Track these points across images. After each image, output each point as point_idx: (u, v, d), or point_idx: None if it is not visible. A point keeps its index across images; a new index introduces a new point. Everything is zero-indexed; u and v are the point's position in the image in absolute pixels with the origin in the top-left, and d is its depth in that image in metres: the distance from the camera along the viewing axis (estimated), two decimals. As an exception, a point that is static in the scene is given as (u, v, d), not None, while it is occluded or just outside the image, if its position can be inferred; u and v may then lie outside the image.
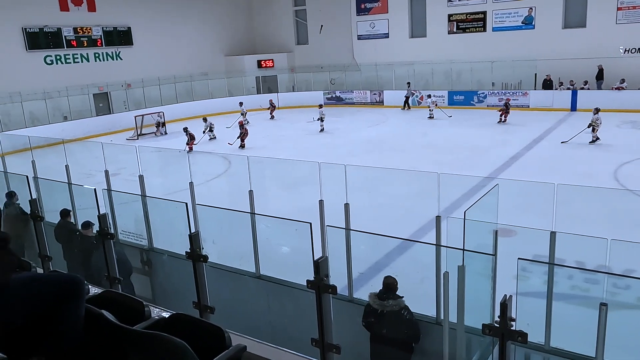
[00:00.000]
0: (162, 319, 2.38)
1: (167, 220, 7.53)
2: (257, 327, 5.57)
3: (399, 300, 5.10)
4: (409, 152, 17.16)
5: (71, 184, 8.60)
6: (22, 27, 23.51)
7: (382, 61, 29.06)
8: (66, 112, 24.22)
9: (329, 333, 2.70)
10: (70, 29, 25.19)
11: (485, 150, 16.84)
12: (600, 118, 17.02)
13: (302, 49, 32.76)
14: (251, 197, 7.36)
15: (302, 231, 4.63)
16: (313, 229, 4.64)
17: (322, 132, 21.89)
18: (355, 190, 7.00)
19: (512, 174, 13.31)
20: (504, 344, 2.60)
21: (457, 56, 26.36)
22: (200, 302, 3.26)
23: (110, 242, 4.14)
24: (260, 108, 28.31)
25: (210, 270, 3.68)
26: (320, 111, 22.37)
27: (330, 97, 29.83)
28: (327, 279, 2.64)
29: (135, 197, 8.01)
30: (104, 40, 26.57)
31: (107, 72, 26.31)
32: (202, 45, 30.67)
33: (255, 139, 20.95)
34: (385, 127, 22.84)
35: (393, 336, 5.24)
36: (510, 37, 25.87)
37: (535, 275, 4.72)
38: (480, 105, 25.41)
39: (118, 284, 3.82)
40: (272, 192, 12.44)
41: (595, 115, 17.12)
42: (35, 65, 23.95)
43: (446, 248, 5.71)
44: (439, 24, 27.95)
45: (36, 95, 22.91)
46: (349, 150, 17.58)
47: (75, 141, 19.26)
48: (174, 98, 27.65)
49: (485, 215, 4.97)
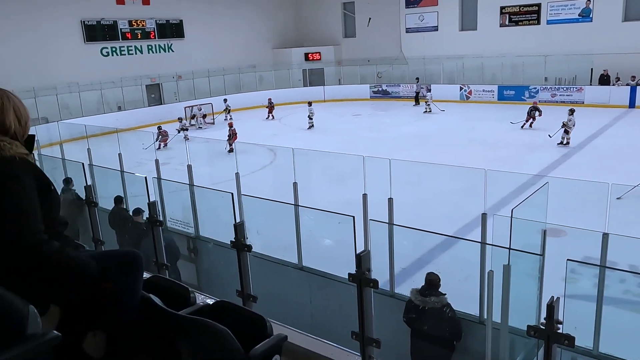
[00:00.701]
0: (207, 305, 2.44)
1: (213, 209, 7.69)
2: (298, 318, 5.63)
3: (441, 298, 5.05)
4: (456, 147, 16.84)
5: (123, 171, 8.91)
6: (81, 20, 24.47)
7: (430, 54, 28.57)
8: (120, 103, 25.08)
9: (369, 327, 2.70)
10: (125, 21, 26.03)
11: (536, 147, 16.33)
12: (574, 120, 16.18)
13: (349, 42, 32.62)
14: (295, 189, 7.42)
15: (345, 224, 4.64)
16: (356, 223, 4.64)
17: (312, 129, 21.73)
18: (399, 185, 6.95)
19: (563, 173, 12.85)
20: (549, 347, 2.53)
21: (509, 50, 25.58)
22: (244, 291, 3.33)
23: (159, 229, 4.28)
24: (305, 101, 28.44)
25: (254, 259, 3.74)
26: (309, 109, 22.15)
27: (377, 91, 29.61)
28: (368, 273, 2.64)
29: (183, 186, 8.23)
30: (157, 33, 27.31)
31: (159, 63, 27.04)
32: (250, 38, 31.03)
33: (300, 132, 21.08)
34: (432, 122, 22.48)
35: (434, 333, 5.20)
36: (565, 30, 24.89)
37: (585, 278, 4.56)
38: (531, 100, 24.56)
39: (165, 270, 3.95)
40: (316, 185, 12.50)
41: (570, 115, 16.31)
42: (92, 57, 24.90)
43: (491, 246, 5.59)
44: (491, 16, 27.19)
45: (92, 86, 23.82)
46: (394, 144, 17.42)
47: (128, 130, 19.90)
48: (222, 90, 28.13)
49: (533, 214, 4.84)
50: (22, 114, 2.05)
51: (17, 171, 1.93)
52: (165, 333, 2.32)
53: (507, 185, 10.66)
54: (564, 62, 23.94)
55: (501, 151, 15.96)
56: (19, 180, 1.93)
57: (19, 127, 2.03)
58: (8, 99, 2.02)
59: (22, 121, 2.05)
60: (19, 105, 2.05)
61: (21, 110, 2.05)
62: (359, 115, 24.94)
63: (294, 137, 19.37)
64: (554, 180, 10.01)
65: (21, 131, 2.04)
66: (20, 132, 2.04)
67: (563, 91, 23.75)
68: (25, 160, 1.98)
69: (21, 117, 2.05)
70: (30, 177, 1.96)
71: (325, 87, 30.32)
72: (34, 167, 2.03)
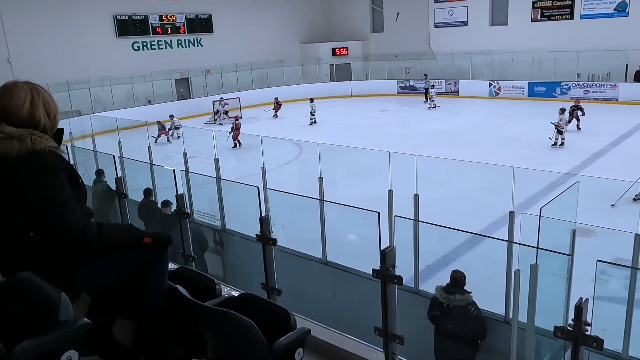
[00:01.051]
0: (232, 297, 2.48)
1: (239, 202, 7.77)
2: (321, 312, 5.65)
3: (466, 296, 5.01)
4: (484, 144, 16.60)
5: (152, 164, 9.07)
6: (113, 15, 24.92)
7: (459, 50, 28.18)
8: (150, 96, 25.49)
9: (392, 323, 2.69)
10: (156, 16, 26.40)
11: (566, 145, 15.98)
12: (566, 118, 15.62)
13: (377, 37, 32.40)
14: (321, 184, 7.44)
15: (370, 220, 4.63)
16: (381, 219, 4.63)
17: (315, 125, 21.58)
18: (426, 181, 6.91)
19: (595, 171, 12.55)
20: (577, 349, 2.48)
21: (540, 45, 25.04)
22: (268, 284, 3.36)
23: (187, 221, 4.34)
24: (333, 96, 28.42)
25: (279, 253, 3.77)
26: (311, 105, 21.98)
27: (404, 86, 29.38)
28: (393, 269, 2.63)
29: (210, 179, 8.33)
30: (186, 28, 27.63)
31: (188, 58, 27.36)
32: (278, 33, 31.12)
33: (327, 127, 21.07)
34: (460, 118, 22.20)
35: (458, 331, 5.16)
36: (600, 25, 24.21)
37: (616, 280, 4.46)
38: (563, 97, 24.06)
39: (192, 261, 4.01)
40: (341, 180, 12.49)
41: (561, 115, 15.82)
42: (124, 51, 25.35)
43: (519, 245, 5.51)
44: (522, 11, 26.64)
45: (123, 80, 24.26)
46: (421, 140, 17.27)
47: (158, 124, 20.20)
48: (250, 84, 28.29)
49: (563, 213, 4.74)
50: (51, 108, 2.10)
51: (50, 163, 1.98)
52: (191, 323, 2.36)
53: (536, 183, 10.46)
54: (598, 58, 23.31)
55: (530, 149, 15.66)
56: (53, 172, 1.99)
57: (48, 120, 2.08)
58: (38, 93, 2.07)
59: (51, 115, 2.09)
60: (48, 99, 2.10)
61: (50, 104, 2.10)
62: (386, 110, 24.78)
63: (319, 132, 19.38)
64: (585, 179, 9.78)
65: (50, 124, 2.09)
66: (50, 125, 2.08)
67: (596, 88, 23.14)
68: (56, 153, 2.03)
69: (50, 111, 2.09)
70: (61, 169, 2.02)
71: (352, 82, 30.21)
72: (64, 159, 2.09)
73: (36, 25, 21.88)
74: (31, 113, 2.02)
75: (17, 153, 1.93)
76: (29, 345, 1.67)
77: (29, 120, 2.01)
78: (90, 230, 2.02)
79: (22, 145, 1.94)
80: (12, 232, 2.06)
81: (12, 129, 1.96)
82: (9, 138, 1.94)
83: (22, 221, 2.02)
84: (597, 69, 23.66)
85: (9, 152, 1.93)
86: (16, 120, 1.99)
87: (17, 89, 2.03)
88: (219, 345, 2.33)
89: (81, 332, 1.83)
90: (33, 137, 1.96)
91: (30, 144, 1.94)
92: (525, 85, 25.29)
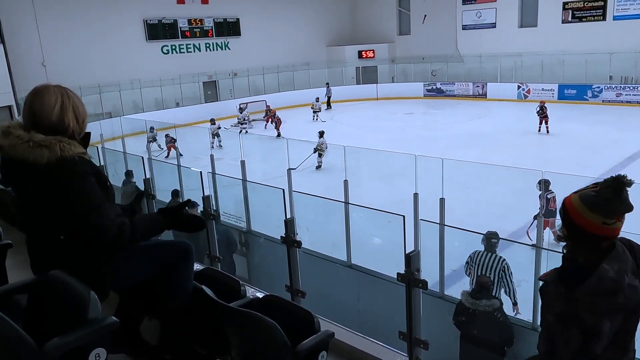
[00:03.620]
0: (256, 298, 2.49)
1: (265, 204, 7.82)
2: (345, 315, 5.64)
3: (493, 301, 4.93)
4: (513, 147, 16.33)
5: (180, 166, 9.20)
6: (143, 19, 25.40)
7: (487, 52, 27.79)
8: (178, 99, 25.87)
9: (417, 328, 2.67)
10: (185, 20, 26.80)
11: (598, 149, 15.60)
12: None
13: (403, 39, 32.22)
14: (346, 186, 7.43)
15: (395, 223, 4.61)
16: (406, 222, 4.60)
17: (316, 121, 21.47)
18: (452, 185, 6.83)
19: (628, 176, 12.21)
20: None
21: (571, 47, 24.50)
22: (292, 286, 3.36)
23: (213, 222, 4.39)
24: (359, 99, 28.36)
25: (304, 255, 3.78)
26: (317, 104, 21.70)
27: (431, 89, 29.14)
28: (418, 273, 2.61)
29: (236, 181, 8.41)
30: (214, 31, 27.96)
31: (216, 61, 27.66)
32: (305, 36, 31.23)
33: (353, 129, 21.03)
34: (488, 121, 21.89)
35: (484, 337, 5.08)
36: (633, 26, 23.55)
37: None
38: (594, 100, 23.53)
39: (218, 263, 4.05)
40: (367, 183, 12.46)
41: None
42: (153, 55, 25.80)
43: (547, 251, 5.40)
44: (553, 12, 26.13)
45: (153, 83, 24.69)
46: (448, 143, 17.09)
47: (186, 126, 20.50)
48: (277, 87, 28.46)
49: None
50: (80, 113, 2.13)
51: (79, 169, 2.03)
52: (216, 324, 2.39)
53: (566, 187, 10.21)
54: (631, 60, 22.72)
55: (560, 152, 15.35)
56: (83, 177, 2.04)
57: (77, 125, 2.11)
58: (68, 97, 2.11)
59: (79, 119, 2.13)
60: (77, 104, 2.14)
61: (80, 109, 2.14)
62: (412, 113, 24.63)
63: (345, 134, 19.36)
64: (617, 184, 9.52)
65: (78, 129, 2.13)
66: (78, 130, 2.12)
67: (629, 90, 22.53)
68: (84, 159, 2.08)
69: (79, 116, 2.13)
70: (90, 173, 2.07)
71: (378, 85, 30.10)
72: (92, 164, 2.13)
73: (69, 29, 22.46)
74: (60, 117, 2.06)
75: (47, 161, 1.97)
76: (59, 342, 1.72)
77: (58, 124, 2.05)
78: (125, 228, 2.08)
79: (51, 153, 1.98)
80: (44, 235, 2.12)
81: (42, 137, 1.99)
82: (39, 146, 1.98)
83: (55, 225, 2.07)
84: (630, 71, 23.05)
85: (38, 160, 1.97)
86: (46, 124, 2.04)
87: (48, 93, 2.07)
88: (243, 345, 2.35)
89: (109, 330, 1.87)
90: (62, 144, 2.00)
91: (59, 152, 1.98)
92: (556, 88, 24.80)
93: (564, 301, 1.73)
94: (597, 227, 1.71)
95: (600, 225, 1.71)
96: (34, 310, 2.03)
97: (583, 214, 1.73)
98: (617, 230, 1.74)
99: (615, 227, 1.72)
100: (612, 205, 1.70)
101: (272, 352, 2.12)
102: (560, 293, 1.75)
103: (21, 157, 1.98)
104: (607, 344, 1.69)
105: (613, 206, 1.70)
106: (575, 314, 1.68)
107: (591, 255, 1.74)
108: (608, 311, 1.67)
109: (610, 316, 1.67)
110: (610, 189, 1.71)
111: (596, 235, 1.72)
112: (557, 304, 1.76)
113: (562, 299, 1.74)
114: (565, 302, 1.73)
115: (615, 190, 1.70)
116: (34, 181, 2.02)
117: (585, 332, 1.67)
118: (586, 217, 1.72)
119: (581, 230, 1.74)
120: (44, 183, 2.01)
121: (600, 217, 1.70)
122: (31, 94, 2.09)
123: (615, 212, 1.71)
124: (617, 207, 1.70)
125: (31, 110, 2.06)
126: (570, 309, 1.70)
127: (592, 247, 1.74)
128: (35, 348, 1.70)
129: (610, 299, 1.66)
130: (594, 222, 1.71)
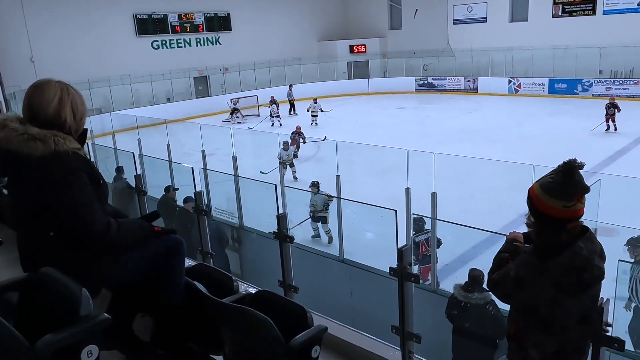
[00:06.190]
0: (249, 294, 2.49)
1: (257, 200, 7.81)
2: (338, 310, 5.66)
3: (484, 294, 4.96)
4: (504, 142, 16.39)
5: (171, 161, 9.15)
6: (133, 14, 25.20)
7: (478, 47, 27.85)
8: (169, 94, 25.71)
9: (410, 321, 2.68)
10: (175, 15, 26.61)
11: (588, 143, 15.71)
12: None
13: (395, 34, 32.20)
14: (338, 181, 7.44)
15: (388, 218, 4.62)
16: (398, 217, 4.61)
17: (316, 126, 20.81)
18: (444, 179, 6.85)
19: (617, 170, 12.31)
20: (597, 350, 2.44)
21: (561, 41, 24.61)
22: (285, 281, 3.36)
23: (205, 218, 4.37)
24: (350, 94, 28.35)
25: (296, 251, 3.78)
26: (316, 105, 21.46)
27: (422, 84, 29.17)
28: (410, 267, 2.62)
29: (228, 177, 8.38)
30: (205, 26, 27.79)
31: (206, 56, 27.51)
32: (296, 31, 31.12)
33: (345, 124, 21.03)
34: (479, 116, 21.96)
35: (476, 330, 5.12)
36: (623, 20, 23.69)
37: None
38: (584, 94, 23.67)
39: (210, 258, 4.04)
40: (359, 178, 12.47)
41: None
42: (144, 50, 25.61)
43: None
44: (543, 7, 26.21)
45: (143, 78, 24.52)
46: (439, 138, 17.12)
47: (177, 122, 20.38)
48: (268, 82, 28.37)
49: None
50: (78, 109, 2.12)
51: (72, 165, 2.02)
52: (209, 320, 2.38)
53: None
54: (621, 54, 22.86)
55: (552, 147, 15.43)
56: (75, 174, 2.03)
57: (74, 121, 2.11)
58: (68, 93, 2.10)
59: (77, 116, 2.12)
60: (77, 100, 2.13)
61: (78, 106, 2.13)
62: (404, 108, 24.67)
63: (337, 130, 19.35)
64: (607, 178, 9.60)
65: (75, 126, 2.12)
66: (75, 126, 2.11)
67: (619, 84, 22.69)
68: (78, 155, 2.06)
69: (77, 112, 2.12)
70: (83, 170, 2.06)
71: (369, 79, 30.09)
72: (86, 160, 2.12)
73: (58, 24, 22.23)
74: (57, 111, 2.05)
75: (41, 154, 1.96)
76: (50, 339, 1.71)
77: (54, 119, 2.05)
78: (112, 228, 2.08)
79: (45, 147, 1.97)
80: (34, 231, 2.11)
81: (37, 130, 1.99)
82: (33, 139, 1.97)
83: (44, 221, 2.06)
84: (620, 65, 23.21)
85: (32, 153, 1.96)
86: (43, 118, 2.03)
87: (48, 87, 2.07)
88: (236, 341, 2.35)
89: (101, 327, 1.86)
90: (56, 138, 1.99)
91: (53, 146, 1.97)
92: (546, 82, 24.92)
93: (533, 269, 1.87)
94: (558, 211, 1.84)
95: (561, 208, 1.83)
96: (25, 308, 2.02)
97: (544, 200, 1.86)
98: (579, 212, 1.86)
99: (576, 209, 1.84)
100: (567, 188, 1.82)
101: (265, 348, 2.13)
102: (532, 261, 1.90)
103: (16, 150, 1.97)
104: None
105: (568, 189, 1.82)
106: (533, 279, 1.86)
107: (559, 237, 1.86)
108: (572, 287, 1.81)
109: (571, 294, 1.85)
110: (562, 174, 1.83)
111: (559, 218, 1.84)
112: (527, 268, 1.90)
113: (532, 268, 1.88)
114: (534, 270, 1.87)
115: (567, 174, 1.82)
116: (27, 174, 2.01)
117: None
118: (547, 203, 1.85)
119: (545, 215, 1.87)
120: (36, 176, 2.00)
121: (559, 201, 1.83)
122: (32, 87, 2.09)
123: (572, 195, 1.82)
124: (573, 190, 1.82)
125: (29, 103, 2.06)
126: (536, 276, 1.86)
127: (558, 229, 1.86)
128: (27, 346, 1.69)
129: (579, 275, 1.79)
130: (554, 207, 1.84)
